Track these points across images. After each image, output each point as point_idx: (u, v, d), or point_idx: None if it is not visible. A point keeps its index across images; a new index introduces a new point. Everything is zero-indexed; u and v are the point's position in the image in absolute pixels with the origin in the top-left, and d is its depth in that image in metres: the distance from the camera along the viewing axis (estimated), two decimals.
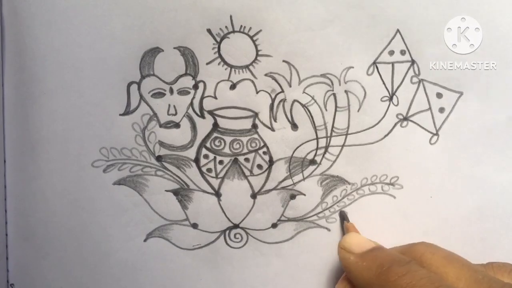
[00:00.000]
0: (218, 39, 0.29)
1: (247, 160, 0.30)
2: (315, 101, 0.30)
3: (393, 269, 0.23)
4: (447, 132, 0.29)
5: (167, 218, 0.32)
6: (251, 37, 0.29)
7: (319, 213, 0.31)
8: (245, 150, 0.30)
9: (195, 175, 0.31)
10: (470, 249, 0.26)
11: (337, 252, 0.28)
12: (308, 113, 0.30)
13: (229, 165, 0.31)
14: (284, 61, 0.29)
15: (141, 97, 0.30)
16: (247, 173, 0.31)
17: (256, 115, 0.30)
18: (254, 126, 0.30)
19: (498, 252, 0.27)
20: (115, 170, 0.31)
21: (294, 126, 0.30)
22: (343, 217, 0.30)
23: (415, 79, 0.29)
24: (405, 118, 0.30)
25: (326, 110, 0.30)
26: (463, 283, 0.23)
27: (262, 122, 0.30)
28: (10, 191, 0.32)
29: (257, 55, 0.29)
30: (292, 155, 0.30)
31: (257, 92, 0.30)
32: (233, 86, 0.30)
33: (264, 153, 0.30)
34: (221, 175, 0.31)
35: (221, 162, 0.31)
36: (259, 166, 0.31)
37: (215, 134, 0.30)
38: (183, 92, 0.30)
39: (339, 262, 0.28)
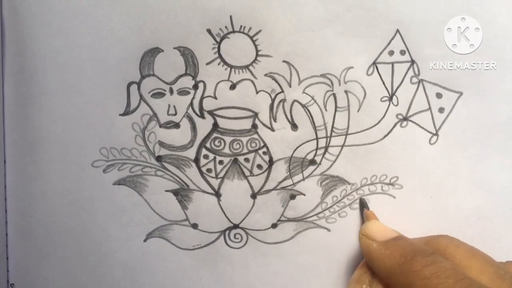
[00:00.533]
0: (218, 39, 0.29)
1: (247, 160, 0.30)
2: (315, 101, 0.30)
3: (417, 259, 0.23)
4: (447, 132, 0.29)
5: (167, 218, 0.32)
6: (251, 37, 0.29)
7: (319, 213, 0.31)
8: (245, 150, 0.30)
9: (195, 175, 0.31)
10: None
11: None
12: (308, 113, 0.30)
13: (229, 165, 0.31)
14: (284, 61, 0.29)
15: (141, 97, 0.30)
16: (247, 173, 0.31)
17: (256, 115, 0.30)
18: (254, 126, 0.30)
19: (498, 252, 0.27)
20: (115, 170, 0.31)
21: (294, 126, 0.30)
22: (363, 205, 0.30)
23: (414, 79, 0.29)
24: (405, 118, 0.29)
25: (326, 110, 0.30)
26: (487, 277, 0.23)
27: (262, 122, 0.30)
28: (10, 191, 0.32)
29: (257, 55, 0.29)
30: (292, 155, 0.30)
31: (257, 92, 0.30)
32: (233, 86, 0.30)
33: (264, 153, 0.30)
34: (221, 175, 0.31)
35: (221, 162, 0.31)
36: (259, 166, 0.31)
37: (215, 134, 0.30)
38: (183, 92, 0.30)
39: (339, 262, 0.28)
